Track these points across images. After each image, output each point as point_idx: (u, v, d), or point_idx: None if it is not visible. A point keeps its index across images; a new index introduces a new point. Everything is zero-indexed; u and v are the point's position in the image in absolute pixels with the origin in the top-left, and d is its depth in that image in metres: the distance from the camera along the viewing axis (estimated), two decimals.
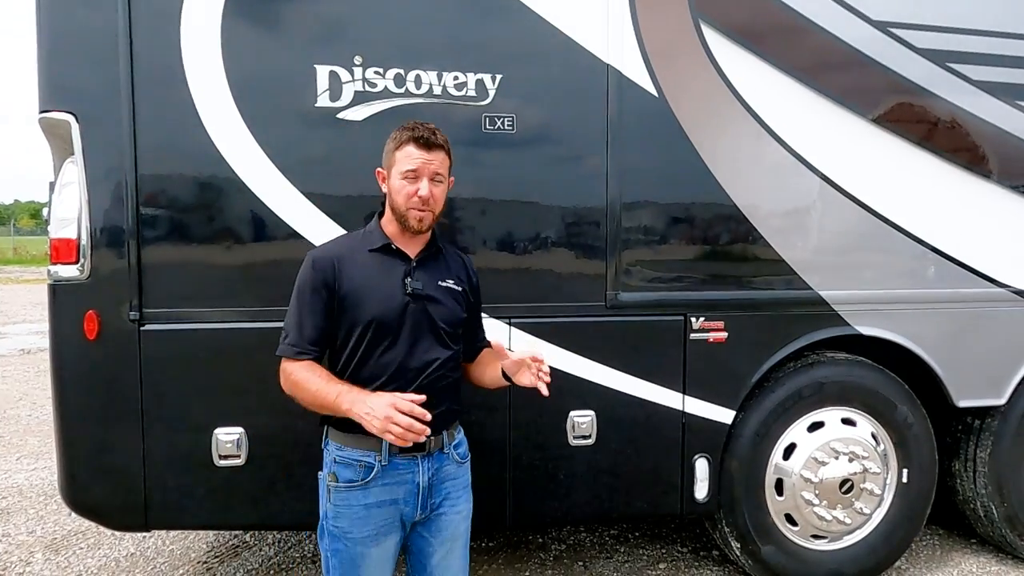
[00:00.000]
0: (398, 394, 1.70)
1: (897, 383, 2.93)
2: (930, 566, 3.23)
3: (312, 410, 1.82)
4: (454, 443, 1.90)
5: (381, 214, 1.92)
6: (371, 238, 1.88)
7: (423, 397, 1.70)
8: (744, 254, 2.74)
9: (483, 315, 2.10)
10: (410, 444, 1.67)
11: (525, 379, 1.81)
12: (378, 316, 1.79)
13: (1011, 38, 2.86)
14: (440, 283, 1.88)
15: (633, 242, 2.64)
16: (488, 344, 2.08)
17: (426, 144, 1.80)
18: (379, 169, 1.90)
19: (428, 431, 1.68)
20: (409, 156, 1.80)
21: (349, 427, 1.79)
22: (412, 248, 1.88)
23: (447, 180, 1.88)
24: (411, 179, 1.80)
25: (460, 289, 1.91)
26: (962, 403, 2.95)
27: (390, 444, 1.77)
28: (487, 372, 1.97)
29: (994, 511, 3.08)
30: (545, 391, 1.77)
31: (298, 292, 1.84)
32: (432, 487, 1.84)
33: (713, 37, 2.62)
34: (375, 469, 1.79)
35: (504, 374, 1.88)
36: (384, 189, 1.88)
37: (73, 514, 2.68)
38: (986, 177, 2.91)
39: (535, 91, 2.54)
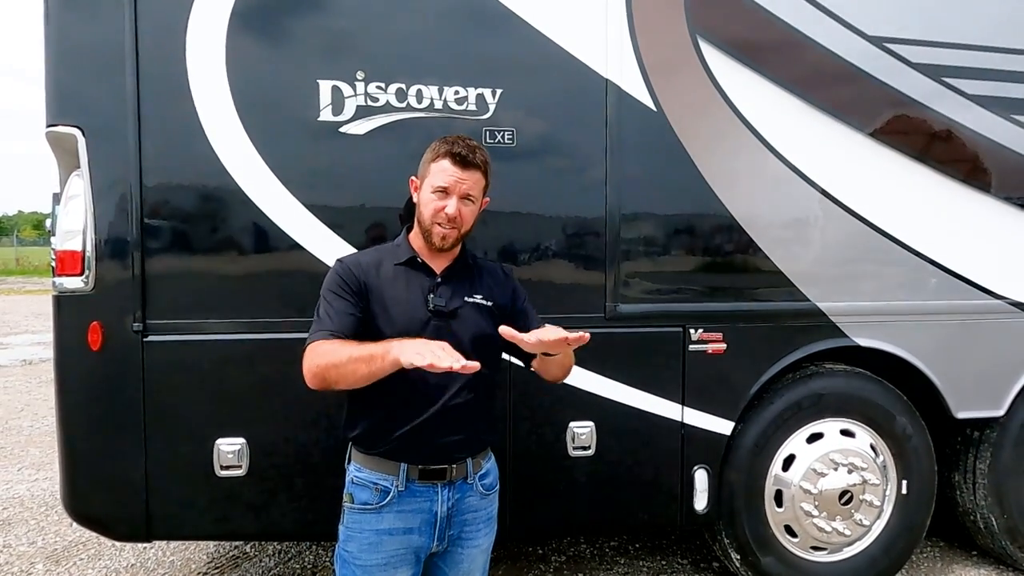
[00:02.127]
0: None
1: (896, 395, 2.94)
2: None
3: (348, 384, 1.64)
4: (480, 473, 1.81)
5: (410, 228, 1.87)
6: (398, 252, 1.83)
7: (475, 365, 1.47)
8: (742, 266, 2.76)
9: None
10: (441, 370, 1.43)
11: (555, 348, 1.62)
12: (396, 333, 1.70)
13: (1005, 52, 2.90)
14: (467, 299, 1.80)
15: (632, 254, 2.66)
16: None
17: (462, 162, 1.73)
18: (412, 177, 1.86)
19: (461, 360, 1.44)
20: (443, 171, 1.74)
21: (371, 448, 1.75)
22: (439, 263, 1.82)
23: (479, 201, 1.81)
24: (440, 195, 1.74)
25: (490, 304, 1.82)
26: (961, 415, 2.96)
27: (409, 469, 1.72)
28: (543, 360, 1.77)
29: (994, 523, 3.08)
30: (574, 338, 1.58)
31: (323, 295, 1.77)
32: (451, 518, 1.76)
33: (710, 52, 2.66)
34: (391, 494, 1.72)
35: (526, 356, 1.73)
36: (415, 199, 1.83)
37: (74, 525, 2.70)
38: (982, 190, 2.93)
39: (535, 105, 2.57)
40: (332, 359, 1.62)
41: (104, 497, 2.43)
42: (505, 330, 1.58)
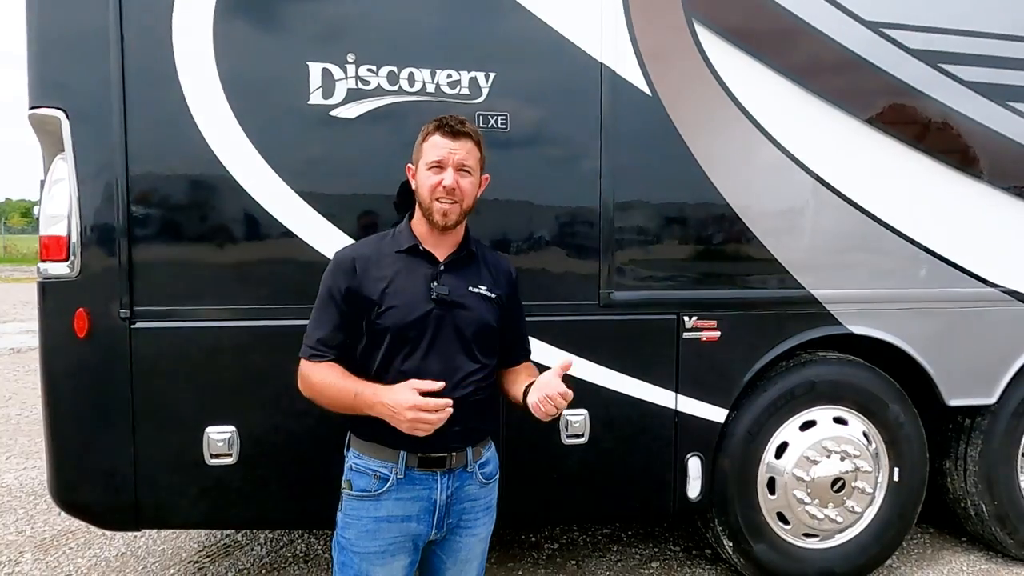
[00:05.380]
0: (417, 390, 1.63)
1: (888, 382, 2.95)
2: (921, 564, 3.25)
3: (336, 411, 1.76)
4: (479, 462, 1.80)
5: (411, 214, 1.85)
6: (399, 239, 1.81)
7: (448, 404, 1.63)
8: (737, 253, 2.75)
9: None
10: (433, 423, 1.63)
11: (540, 411, 1.68)
12: (398, 322, 1.70)
13: (1002, 39, 2.88)
14: (471, 288, 1.78)
15: (626, 241, 2.64)
16: (528, 359, 1.94)
17: (451, 132, 1.73)
18: (408, 165, 1.85)
19: (448, 412, 1.63)
20: (435, 146, 1.74)
21: (370, 435, 1.74)
22: (442, 250, 1.79)
23: (477, 173, 1.79)
24: (436, 170, 1.73)
25: (493, 296, 1.81)
26: (953, 402, 2.97)
27: (408, 457, 1.72)
28: (512, 387, 1.85)
29: (984, 509, 3.10)
30: (545, 413, 1.67)
31: (319, 293, 1.79)
32: (450, 506, 1.75)
33: (707, 37, 2.63)
34: (390, 481, 1.72)
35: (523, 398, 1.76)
36: (413, 186, 1.81)
37: (63, 514, 2.67)
38: (977, 177, 2.92)
39: (529, 90, 2.53)
40: (319, 399, 1.78)
41: (92, 486, 2.41)
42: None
